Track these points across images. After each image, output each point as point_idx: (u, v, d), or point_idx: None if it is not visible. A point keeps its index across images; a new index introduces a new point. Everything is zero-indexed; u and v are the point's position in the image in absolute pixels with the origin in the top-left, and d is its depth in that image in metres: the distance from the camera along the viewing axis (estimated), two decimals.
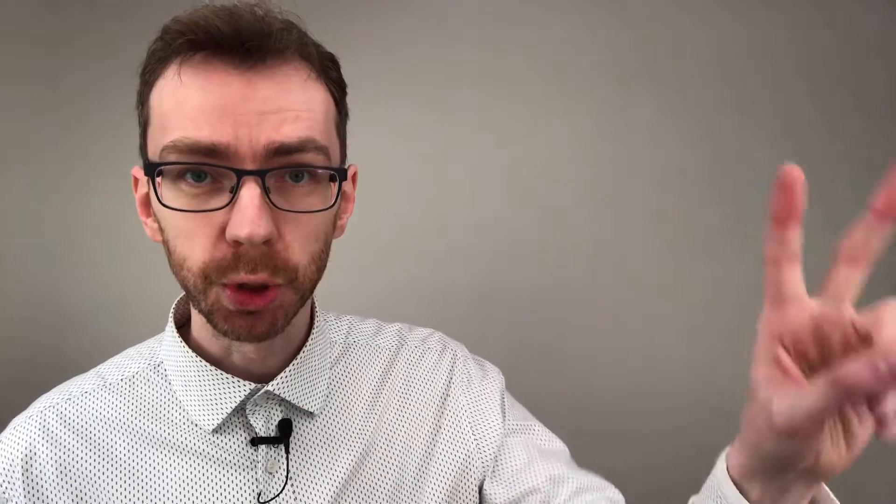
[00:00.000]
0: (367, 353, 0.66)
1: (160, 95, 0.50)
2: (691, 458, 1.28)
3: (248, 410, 0.56)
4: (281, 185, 0.49)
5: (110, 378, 0.59)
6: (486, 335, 1.28)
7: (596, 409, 1.30)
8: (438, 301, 1.30)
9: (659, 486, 1.28)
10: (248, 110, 0.47)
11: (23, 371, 1.30)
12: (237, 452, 0.55)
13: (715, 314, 1.29)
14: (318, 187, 0.51)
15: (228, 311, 0.49)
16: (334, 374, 0.62)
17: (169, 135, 0.48)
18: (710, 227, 1.29)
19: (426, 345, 0.69)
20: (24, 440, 0.54)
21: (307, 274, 0.51)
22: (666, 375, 1.29)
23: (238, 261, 0.48)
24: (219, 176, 0.48)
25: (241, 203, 0.46)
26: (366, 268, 1.29)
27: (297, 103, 0.49)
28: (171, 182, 0.49)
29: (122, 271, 1.32)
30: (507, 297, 1.30)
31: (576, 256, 1.30)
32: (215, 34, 0.47)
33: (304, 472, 0.57)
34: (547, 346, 1.30)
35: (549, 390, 1.29)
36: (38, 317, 1.32)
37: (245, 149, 0.47)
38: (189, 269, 0.49)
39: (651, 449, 1.29)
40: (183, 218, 0.48)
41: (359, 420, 0.61)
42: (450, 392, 0.66)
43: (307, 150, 0.49)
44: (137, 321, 1.27)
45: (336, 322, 0.67)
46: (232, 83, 0.47)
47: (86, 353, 1.28)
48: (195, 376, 0.56)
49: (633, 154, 1.30)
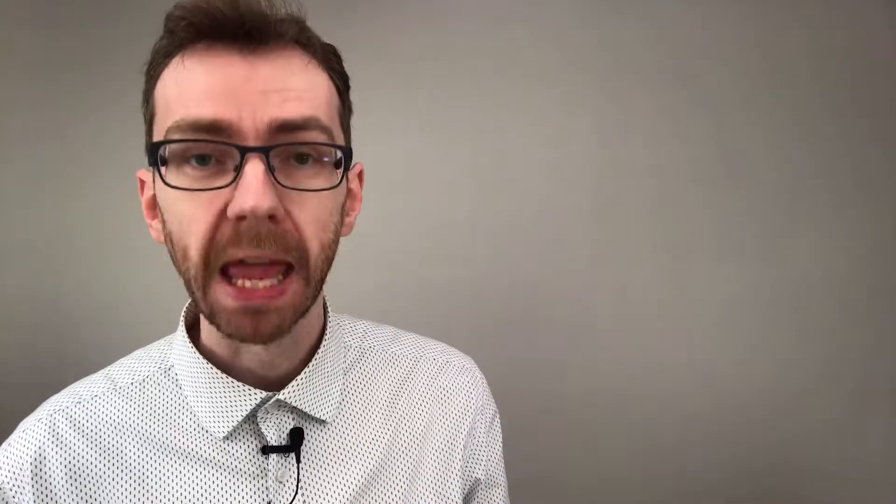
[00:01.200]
0: (384, 360, 0.65)
1: (164, 86, 0.50)
2: (692, 459, 1.29)
3: (259, 418, 0.55)
4: (285, 166, 0.49)
5: (120, 381, 0.58)
6: (486, 335, 1.28)
7: (597, 410, 1.30)
8: (435, 300, 1.29)
9: (660, 488, 1.29)
10: (251, 89, 0.47)
11: (24, 373, 1.29)
12: (248, 460, 0.55)
13: (717, 314, 1.28)
14: (322, 170, 0.51)
15: (230, 311, 0.48)
16: (348, 380, 0.62)
17: (173, 116, 0.48)
18: (714, 227, 1.29)
19: (446, 358, 0.69)
20: (33, 443, 0.54)
21: (318, 263, 0.51)
22: (667, 376, 1.29)
23: (241, 236, 0.47)
24: (223, 157, 0.48)
25: (245, 178, 0.46)
26: (362, 266, 1.29)
27: (300, 84, 0.50)
28: (175, 168, 0.48)
29: (122, 274, 1.31)
30: (507, 297, 1.30)
31: (577, 256, 1.30)
32: (218, 17, 0.48)
33: (315, 481, 0.56)
34: (547, 347, 1.30)
35: (549, 391, 1.29)
36: (38, 319, 1.31)
37: (248, 126, 0.47)
38: (191, 258, 0.48)
39: (652, 449, 1.29)
40: (186, 200, 0.48)
41: (373, 429, 0.60)
42: (467, 414, 0.66)
43: (310, 128, 0.49)
44: (138, 323, 1.26)
45: (351, 326, 0.67)
46: (234, 65, 0.48)
47: (86, 355, 1.28)
48: (206, 383, 0.56)
49: (635, 152, 1.29)
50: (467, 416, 0.66)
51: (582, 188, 1.30)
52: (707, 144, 1.28)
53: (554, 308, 1.29)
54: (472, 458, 0.66)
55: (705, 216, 1.29)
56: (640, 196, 1.29)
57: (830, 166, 1.26)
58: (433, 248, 1.30)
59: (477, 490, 0.67)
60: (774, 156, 1.27)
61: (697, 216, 1.29)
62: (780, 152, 1.26)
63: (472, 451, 0.66)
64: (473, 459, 0.66)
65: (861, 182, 1.25)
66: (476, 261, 1.30)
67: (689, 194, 1.29)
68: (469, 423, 0.66)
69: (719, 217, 1.28)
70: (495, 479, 0.68)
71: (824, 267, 1.24)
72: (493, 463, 0.68)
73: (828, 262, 1.24)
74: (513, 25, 1.30)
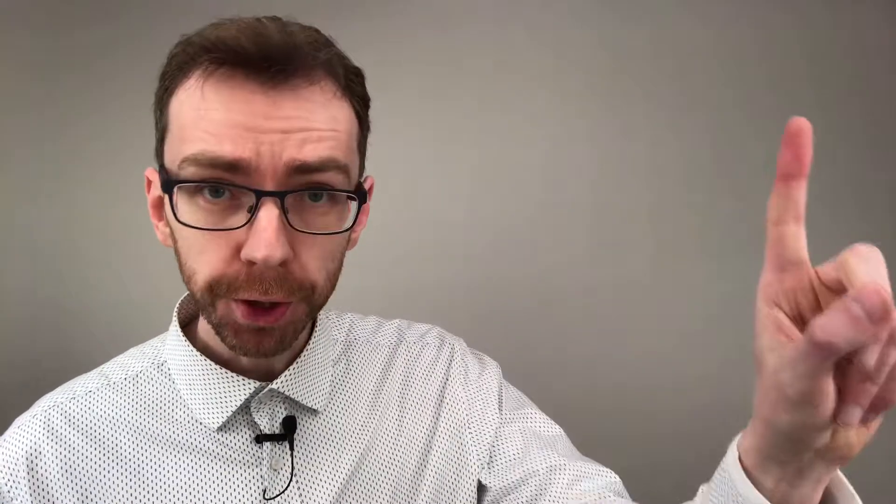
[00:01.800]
0: (368, 350, 0.67)
1: (180, 106, 0.49)
2: (691, 456, 1.29)
3: (252, 408, 0.56)
4: (299, 203, 0.49)
5: (114, 377, 0.59)
6: (486, 335, 1.28)
7: (597, 410, 1.30)
8: (435, 300, 1.30)
9: (660, 486, 1.29)
10: (271, 128, 0.47)
11: (24, 372, 1.30)
12: (242, 450, 0.56)
13: (717, 314, 1.29)
14: (335, 207, 0.51)
15: (238, 326, 0.50)
16: (337, 371, 0.63)
17: (189, 147, 0.47)
18: (713, 227, 1.29)
19: (424, 340, 0.70)
20: (28, 439, 0.54)
21: (323, 292, 0.53)
22: (667, 376, 1.29)
23: (252, 281, 0.48)
24: (237, 193, 0.48)
25: (260, 224, 0.46)
26: (362, 266, 1.29)
27: (321, 123, 0.49)
28: (188, 196, 0.48)
29: (122, 272, 1.32)
30: (507, 297, 1.30)
31: (578, 256, 1.30)
32: (241, 53, 0.46)
33: (309, 468, 0.57)
34: (548, 347, 1.30)
35: (549, 391, 1.29)
36: (39, 317, 1.31)
37: (266, 166, 0.47)
38: (196, 283, 0.50)
39: (652, 451, 1.29)
40: (198, 234, 0.48)
41: (361, 416, 0.61)
42: (447, 386, 0.66)
43: (328, 169, 0.49)
44: (138, 321, 1.27)
45: (337, 320, 0.68)
46: (255, 101, 0.47)
47: (87, 353, 1.28)
48: (199, 375, 0.56)
49: (634, 152, 1.29)
50: (435, 387, 0.66)
51: (581, 188, 1.30)
52: (705, 144, 1.28)
53: (553, 307, 1.29)
54: (459, 420, 0.64)
55: (704, 216, 1.29)
56: (639, 196, 1.29)
57: (830, 166, 1.26)
58: (433, 248, 1.31)
59: (502, 433, 0.64)
60: (773, 156, 1.26)
61: (696, 216, 1.29)
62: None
63: (456, 415, 0.65)
64: (463, 420, 0.64)
65: (860, 182, 1.25)
66: (476, 260, 1.30)
67: (691, 195, 1.28)
68: (437, 393, 0.65)
69: (718, 217, 1.28)
70: (518, 404, 0.66)
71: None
72: (490, 405, 0.65)
73: (826, 261, 1.24)
74: (513, 26, 1.30)
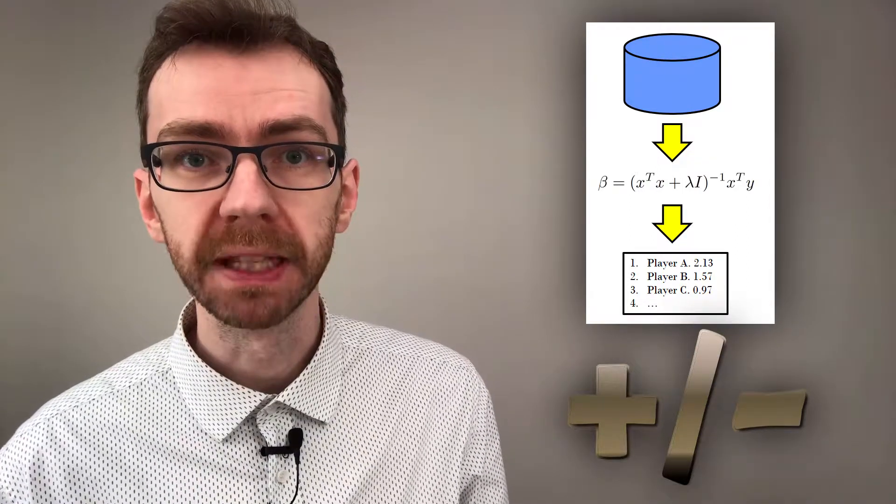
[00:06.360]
0: (381, 360, 0.65)
1: (157, 87, 0.51)
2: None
3: (258, 420, 0.55)
4: (278, 165, 0.49)
5: (118, 385, 0.58)
6: (485, 335, 1.28)
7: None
8: (435, 300, 1.29)
9: (660, 489, 1.29)
10: (242, 90, 0.48)
11: (23, 373, 1.29)
12: (247, 462, 0.55)
13: None
14: (315, 168, 0.51)
15: (228, 294, 0.49)
16: (346, 380, 0.62)
17: (165, 119, 0.49)
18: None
19: (443, 358, 0.69)
20: (31, 448, 0.54)
21: (315, 257, 0.51)
22: (666, 373, 1.29)
23: (233, 234, 0.48)
24: (216, 158, 0.49)
25: (237, 178, 0.47)
26: (362, 266, 1.28)
27: (291, 83, 0.50)
28: (169, 169, 0.49)
29: (121, 273, 1.31)
30: (507, 296, 1.30)
31: (576, 255, 1.29)
32: (207, 17, 0.48)
33: (315, 481, 0.56)
34: (547, 347, 1.29)
35: (548, 391, 1.29)
36: (38, 320, 1.31)
37: (240, 127, 0.47)
38: (182, 256, 0.49)
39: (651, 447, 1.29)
40: (180, 201, 0.49)
41: (371, 429, 0.61)
42: (465, 412, 0.66)
43: (302, 128, 0.49)
44: (138, 324, 1.26)
45: (348, 327, 0.67)
46: (225, 66, 0.48)
47: (86, 356, 1.27)
48: (205, 385, 0.56)
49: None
50: (466, 414, 0.66)
51: (580, 188, 1.29)
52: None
53: (553, 308, 1.29)
54: (471, 456, 0.66)
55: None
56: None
57: (830, 166, 1.25)
58: (433, 248, 1.30)
59: (474, 487, 0.67)
60: (776, 155, 1.26)
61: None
62: (779, 152, 1.26)
63: (471, 450, 0.66)
64: (472, 457, 0.66)
65: (863, 182, 1.25)
66: (475, 261, 1.30)
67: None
68: (468, 421, 0.66)
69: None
70: (493, 477, 0.69)
71: (824, 266, 1.25)
72: (490, 460, 0.68)
73: (827, 261, 1.25)
74: (512, 26, 1.29)
